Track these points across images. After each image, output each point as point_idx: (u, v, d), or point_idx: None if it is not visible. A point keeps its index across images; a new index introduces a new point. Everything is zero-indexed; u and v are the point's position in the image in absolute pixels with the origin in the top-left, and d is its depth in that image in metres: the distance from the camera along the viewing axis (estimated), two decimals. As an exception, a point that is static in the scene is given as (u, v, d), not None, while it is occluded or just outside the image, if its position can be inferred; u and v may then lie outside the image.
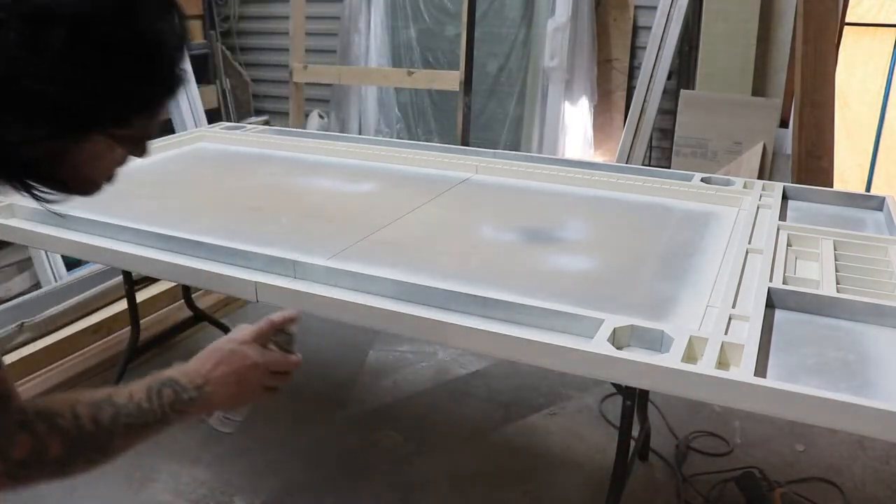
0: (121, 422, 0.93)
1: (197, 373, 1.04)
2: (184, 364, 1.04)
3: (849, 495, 2.09)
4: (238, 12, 5.55)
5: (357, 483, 2.15)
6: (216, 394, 1.03)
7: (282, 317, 1.13)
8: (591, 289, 1.42)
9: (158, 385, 0.99)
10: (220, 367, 1.06)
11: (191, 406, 1.01)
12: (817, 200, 1.94)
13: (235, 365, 1.06)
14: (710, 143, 3.86)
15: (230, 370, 1.06)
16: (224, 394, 1.04)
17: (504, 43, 4.60)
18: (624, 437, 1.62)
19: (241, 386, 1.07)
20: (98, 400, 0.92)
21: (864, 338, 1.22)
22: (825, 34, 3.46)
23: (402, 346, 2.90)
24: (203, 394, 1.02)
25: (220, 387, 1.04)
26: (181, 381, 1.01)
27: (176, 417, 0.99)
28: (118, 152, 0.88)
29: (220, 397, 1.04)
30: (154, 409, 0.97)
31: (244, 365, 1.07)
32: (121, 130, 0.83)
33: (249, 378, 1.08)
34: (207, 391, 1.02)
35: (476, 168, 2.20)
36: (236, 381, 1.06)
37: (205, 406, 1.03)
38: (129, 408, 0.94)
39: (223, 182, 2.15)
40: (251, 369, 1.08)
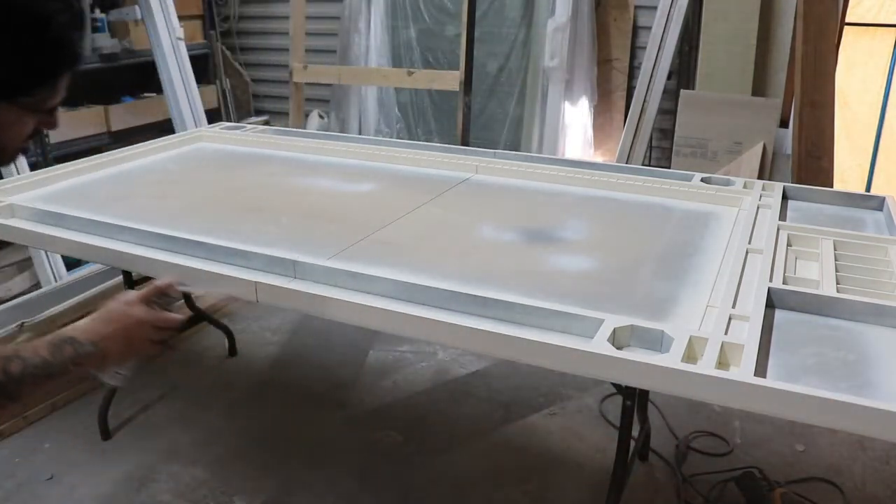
0: (28, 373, 1.06)
1: (93, 331, 1.18)
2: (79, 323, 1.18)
3: (849, 495, 2.09)
4: (238, 12, 5.55)
5: (357, 483, 2.15)
6: (109, 349, 1.18)
7: (164, 282, 1.32)
8: (591, 289, 1.42)
9: (59, 342, 1.12)
10: (112, 325, 1.20)
11: (88, 360, 1.15)
12: (817, 200, 1.94)
13: (125, 322, 1.21)
14: (710, 143, 3.86)
15: (120, 327, 1.20)
16: (116, 349, 1.19)
17: (504, 43, 4.60)
18: (624, 437, 1.62)
19: (130, 341, 1.21)
20: (8, 354, 1.05)
21: (864, 338, 1.22)
22: (825, 34, 3.46)
23: (402, 346, 2.90)
24: (98, 349, 1.16)
25: (113, 342, 1.18)
26: (79, 339, 1.15)
27: (75, 370, 1.14)
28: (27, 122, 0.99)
29: (114, 352, 1.19)
30: (56, 362, 1.10)
31: (132, 322, 1.22)
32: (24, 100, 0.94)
33: (137, 334, 1.22)
34: (102, 346, 1.16)
35: (476, 168, 2.20)
36: (126, 337, 1.20)
37: (100, 360, 1.17)
38: (36, 361, 1.07)
39: (223, 182, 2.15)
40: (138, 326, 1.22)
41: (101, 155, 2.30)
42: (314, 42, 4.90)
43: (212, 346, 2.91)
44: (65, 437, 2.35)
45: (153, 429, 2.41)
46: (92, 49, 4.10)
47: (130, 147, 2.39)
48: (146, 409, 2.51)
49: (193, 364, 2.81)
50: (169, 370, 2.75)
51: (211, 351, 2.88)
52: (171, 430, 2.40)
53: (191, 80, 4.01)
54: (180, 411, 2.50)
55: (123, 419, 2.44)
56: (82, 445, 2.31)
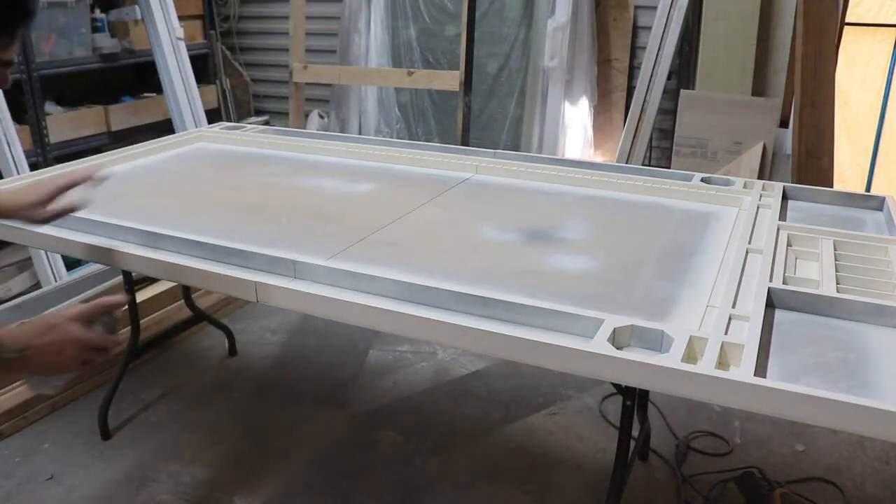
0: None
1: (22, 338, 1.15)
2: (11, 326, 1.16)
3: (849, 495, 2.09)
4: (238, 12, 5.55)
5: (357, 483, 2.15)
6: (34, 360, 1.15)
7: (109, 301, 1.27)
8: (591, 289, 1.42)
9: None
10: (44, 337, 1.16)
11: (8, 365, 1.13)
12: (817, 200, 1.94)
13: (57, 337, 1.17)
14: (710, 143, 3.86)
15: (51, 340, 1.16)
16: (42, 361, 1.16)
17: (504, 43, 4.60)
18: (624, 437, 1.62)
19: (60, 356, 1.17)
20: None
21: (864, 338, 1.22)
22: (825, 34, 3.46)
23: (402, 346, 2.90)
24: (23, 356, 1.13)
25: (39, 354, 1.15)
26: (4, 342, 1.12)
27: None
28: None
29: (38, 363, 1.16)
30: None
31: (65, 339, 1.18)
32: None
33: (68, 351, 1.18)
34: (27, 355, 1.14)
35: (476, 168, 2.20)
36: (56, 351, 1.17)
37: (23, 368, 1.16)
38: None
39: (223, 182, 2.15)
40: (71, 344, 1.18)
41: (101, 155, 2.30)
42: (314, 42, 4.91)
43: (212, 346, 2.91)
44: (65, 437, 2.36)
45: (153, 429, 2.41)
46: (92, 49, 4.11)
47: (130, 147, 2.39)
48: (146, 409, 2.51)
49: (193, 364, 2.81)
50: (169, 370, 2.75)
51: (211, 351, 2.88)
52: (171, 430, 2.40)
53: (191, 80, 4.02)
54: (180, 411, 2.50)
55: (123, 419, 2.44)
56: (82, 445, 2.31)
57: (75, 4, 3.91)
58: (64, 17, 3.90)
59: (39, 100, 3.74)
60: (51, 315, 1.19)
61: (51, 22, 3.83)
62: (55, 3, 3.80)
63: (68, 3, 3.86)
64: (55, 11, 3.83)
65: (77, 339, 1.19)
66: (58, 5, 3.82)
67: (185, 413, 2.49)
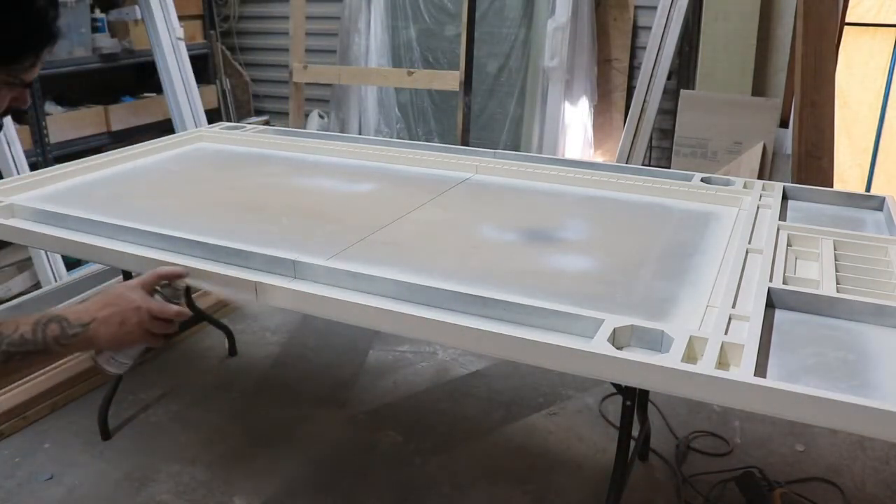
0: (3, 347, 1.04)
1: (85, 311, 1.16)
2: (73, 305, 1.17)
3: (849, 495, 2.09)
4: (238, 12, 5.55)
5: (357, 483, 2.15)
6: (100, 332, 1.15)
7: (168, 271, 1.29)
8: (592, 289, 1.42)
9: (46, 320, 1.11)
10: (106, 308, 1.17)
11: (74, 341, 1.13)
12: (817, 200, 1.94)
13: (120, 307, 1.18)
14: (710, 143, 3.86)
15: (115, 311, 1.17)
16: (107, 332, 1.16)
17: (504, 43, 4.60)
18: (624, 437, 1.62)
19: (124, 326, 1.18)
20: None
21: (864, 338, 1.22)
22: (825, 34, 3.46)
23: (402, 346, 2.90)
24: (87, 330, 1.13)
25: (104, 325, 1.16)
26: (69, 318, 1.13)
27: (59, 350, 1.12)
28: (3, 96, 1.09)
29: (104, 335, 1.16)
30: (37, 340, 1.08)
31: (128, 307, 1.18)
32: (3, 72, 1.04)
33: (132, 319, 1.18)
34: (92, 328, 1.14)
35: (476, 168, 2.20)
36: (119, 321, 1.17)
37: (89, 342, 1.15)
38: (13, 338, 1.06)
39: (223, 182, 2.15)
40: (134, 311, 1.19)
41: (101, 155, 2.30)
42: (314, 42, 4.91)
43: (212, 346, 2.91)
44: (65, 437, 2.36)
45: (153, 429, 2.41)
46: (92, 49, 4.11)
47: (130, 147, 2.39)
48: (146, 409, 2.51)
49: (193, 364, 2.81)
50: (169, 370, 2.75)
51: (211, 351, 2.88)
52: (171, 430, 2.40)
53: (191, 80, 4.02)
54: (180, 411, 2.50)
55: (123, 419, 2.44)
56: (82, 445, 2.31)
57: (75, 4, 3.91)
58: (64, 16, 3.89)
59: (39, 100, 3.75)
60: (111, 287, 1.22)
61: (51, 22, 3.82)
62: (55, 3, 3.79)
63: (68, 3, 3.86)
64: (55, 11, 3.83)
65: (138, 308, 1.19)
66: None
67: (185, 413, 2.49)
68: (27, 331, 1.08)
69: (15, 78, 1.09)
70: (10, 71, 1.07)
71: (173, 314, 1.25)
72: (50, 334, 1.10)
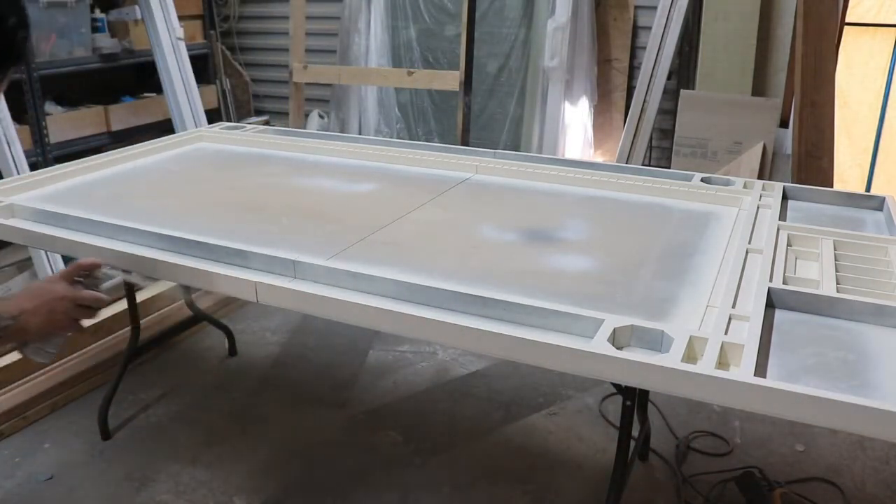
0: None
1: (14, 304, 1.23)
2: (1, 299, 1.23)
3: (849, 495, 2.09)
4: (238, 12, 5.54)
5: (357, 483, 2.15)
6: (30, 322, 1.23)
7: (86, 262, 1.36)
8: (591, 289, 1.42)
9: None
10: (34, 300, 1.25)
11: (7, 332, 1.20)
12: (817, 200, 1.94)
13: (46, 297, 1.26)
14: (710, 143, 3.86)
15: (42, 302, 1.25)
16: (37, 322, 1.24)
17: (504, 43, 4.60)
18: (624, 437, 1.62)
19: (52, 315, 1.26)
20: None
21: (864, 338, 1.22)
22: (825, 34, 3.46)
23: (402, 346, 2.90)
24: (18, 322, 1.21)
25: (33, 316, 1.23)
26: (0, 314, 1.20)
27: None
28: None
29: (34, 325, 1.24)
30: None
31: (53, 297, 1.27)
32: None
33: (58, 308, 1.27)
34: (22, 320, 1.21)
35: (476, 168, 2.20)
36: (47, 311, 1.25)
37: (20, 333, 1.23)
38: None
39: (223, 182, 2.15)
40: (60, 301, 1.27)
41: (101, 155, 2.30)
42: (314, 42, 4.90)
43: (212, 346, 2.91)
44: (65, 437, 2.36)
45: (153, 429, 2.41)
46: (92, 49, 4.11)
47: (130, 147, 2.39)
48: (146, 409, 2.51)
49: (193, 364, 2.81)
50: (169, 370, 2.75)
51: (211, 351, 2.88)
52: (171, 430, 2.40)
53: (191, 80, 4.01)
54: (180, 411, 2.50)
55: (123, 419, 2.44)
56: (82, 445, 2.31)
57: (75, 4, 3.91)
58: (64, 17, 3.90)
59: (39, 100, 3.74)
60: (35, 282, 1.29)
61: (51, 22, 3.83)
62: (55, 3, 3.79)
63: (68, 3, 3.86)
64: (55, 11, 3.83)
65: (64, 296, 1.28)
66: (58, 5, 3.82)
67: (185, 413, 2.49)
68: None
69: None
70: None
71: (93, 299, 1.33)
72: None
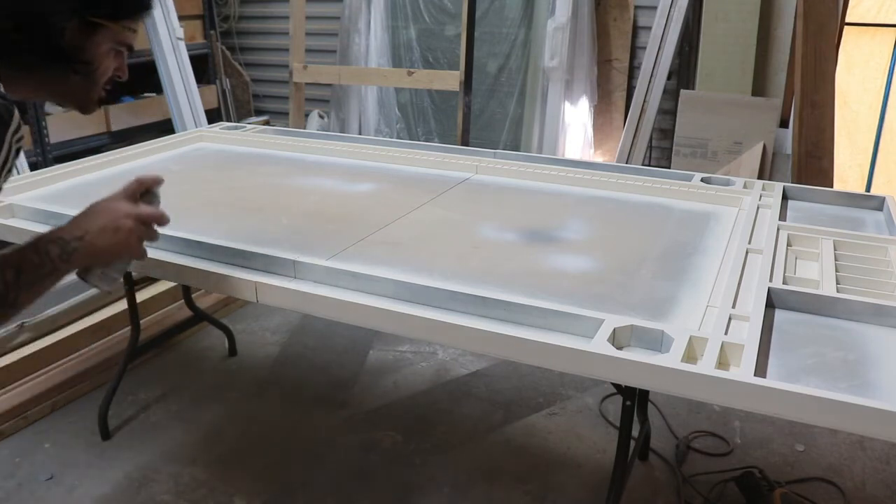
0: (22, 280, 1.09)
1: (77, 226, 1.19)
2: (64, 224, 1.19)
3: (849, 495, 2.09)
4: (238, 12, 5.55)
5: (357, 483, 2.15)
6: (96, 243, 1.19)
7: (150, 177, 1.32)
8: (592, 289, 1.42)
9: (45, 244, 1.14)
10: (97, 220, 1.21)
11: (76, 255, 1.16)
12: (817, 200, 1.94)
13: (110, 216, 1.22)
14: (710, 143, 3.86)
15: (106, 221, 1.21)
16: (103, 242, 1.20)
17: (504, 43, 4.60)
18: (624, 437, 1.62)
19: (117, 234, 1.21)
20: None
21: (864, 338, 1.22)
22: (825, 34, 3.46)
23: (402, 346, 2.90)
24: (84, 243, 1.17)
25: (98, 237, 1.19)
26: (64, 237, 1.16)
27: (65, 267, 1.15)
28: (111, 59, 1.22)
29: (101, 244, 1.20)
30: (45, 263, 1.12)
31: (117, 215, 1.22)
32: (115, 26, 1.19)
33: (123, 227, 1.22)
34: (88, 240, 1.18)
35: (476, 168, 2.20)
36: (113, 230, 1.21)
37: (87, 254, 1.19)
38: (26, 266, 1.10)
39: (223, 182, 2.15)
40: (124, 218, 1.22)
41: (101, 155, 2.30)
42: (314, 42, 4.91)
43: (212, 346, 2.91)
44: (65, 437, 2.35)
45: (153, 429, 2.41)
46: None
47: (130, 147, 2.40)
48: (146, 409, 2.51)
49: (193, 364, 2.81)
50: (169, 370, 2.75)
51: (211, 351, 2.88)
52: (171, 430, 2.40)
53: (191, 80, 4.02)
54: (180, 411, 2.50)
55: (123, 419, 2.44)
56: (82, 445, 2.31)
57: (75, 4, 3.91)
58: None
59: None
60: (96, 202, 1.24)
61: (51, 22, 3.82)
62: (55, 3, 3.79)
63: (68, 3, 3.86)
64: (55, 11, 3.82)
65: (128, 213, 1.23)
66: (58, 5, 3.81)
67: (185, 413, 2.49)
68: (33, 257, 1.12)
69: (123, 38, 1.21)
70: (123, 25, 1.20)
71: (157, 217, 1.29)
72: (53, 255, 1.13)
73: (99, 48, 1.20)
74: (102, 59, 1.21)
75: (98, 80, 1.23)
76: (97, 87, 1.24)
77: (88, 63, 1.19)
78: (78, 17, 1.15)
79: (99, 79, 1.23)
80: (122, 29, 1.21)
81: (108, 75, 1.24)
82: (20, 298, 1.09)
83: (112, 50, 1.22)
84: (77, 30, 1.16)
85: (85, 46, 1.18)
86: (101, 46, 1.20)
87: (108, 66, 1.23)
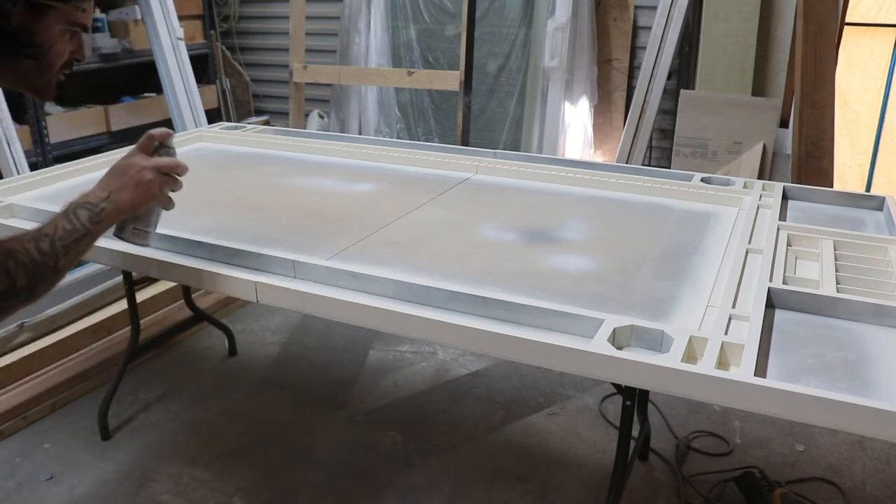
0: (58, 245, 1.14)
1: (101, 188, 1.25)
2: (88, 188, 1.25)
3: (849, 495, 2.09)
4: (238, 12, 5.55)
5: (357, 483, 2.15)
6: (121, 199, 1.24)
7: (160, 132, 1.36)
8: (591, 289, 1.42)
9: (73, 209, 1.19)
10: (119, 178, 1.27)
11: (104, 215, 1.22)
12: (817, 200, 1.94)
13: (130, 171, 1.27)
14: (710, 143, 3.86)
15: (127, 177, 1.26)
16: (127, 198, 1.25)
17: (504, 43, 4.60)
18: (624, 437, 1.62)
19: (140, 186, 1.27)
20: (34, 235, 1.14)
21: (864, 338, 1.22)
22: (825, 34, 3.46)
23: (402, 346, 2.90)
24: (110, 202, 1.23)
25: (123, 193, 1.25)
26: (90, 200, 1.22)
27: (97, 228, 1.21)
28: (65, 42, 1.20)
29: (126, 200, 1.25)
30: (76, 227, 1.17)
31: (137, 169, 1.27)
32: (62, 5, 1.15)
33: (144, 178, 1.27)
34: (113, 199, 1.23)
35: (476, 168, 2.20)
36: (135, 184, 1.26)
37: (116, 211, 1.24)
38: (60, 233, 1.15)
39: (223, 182, 2.15)
40: (143, 171, 1.28)
41: (101, 155, 2.30)
42: (314, 42, 4.91)
43: (212, 346, 2.91)
44: (65, 437, 2.36)
45: (153, 429, 2.41)
46: (92, 49, 4.11)
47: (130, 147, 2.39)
48: (146, 409, 2.51)
49: (193, 364, 2.81)
50: (169, 370, 2.75)
51: (211, 351, 2.88)
52: (171, 430, 2.40)
53: (191, 80, 4.01)
54: (180, 411, 2.50)
55: (123, 419, 2.44)
56: (82, 445, 2.31)
57: (75, 4, 3.91)
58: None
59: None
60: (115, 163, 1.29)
61: (51, 22, 3.82)
62: (55, 3, 3.79)
63: (68, 3, 3.86)
64: (55, 11, 3.82)
65: (145, 166, 1.28)
66: (58, 5, 3.81)
67: (185, 413, 2.49)
68: (65, 224, 1.16)
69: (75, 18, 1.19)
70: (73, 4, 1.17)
71: (175, 165, 1.33)
72: (83, 218, 1.18)
73: (50, 30, 1.16)
74: (55, 41, 1.18)
75: (53, 63, 1.19)
76: (53, 71, 1.21)
77: (40, 46, 1.16)
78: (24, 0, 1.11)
79: (54, 62, 1.19)
80: (71, 9, 1.18)
81: (63, 58, 1.21)
82: (60, 264, 1.14)
83: (65, 31, 1.19)
84: (24, 13, 1.12)
85: (35, 29, 1.14)
86: (52, 28, 1.16)
87: (62, 48, 1.20)
